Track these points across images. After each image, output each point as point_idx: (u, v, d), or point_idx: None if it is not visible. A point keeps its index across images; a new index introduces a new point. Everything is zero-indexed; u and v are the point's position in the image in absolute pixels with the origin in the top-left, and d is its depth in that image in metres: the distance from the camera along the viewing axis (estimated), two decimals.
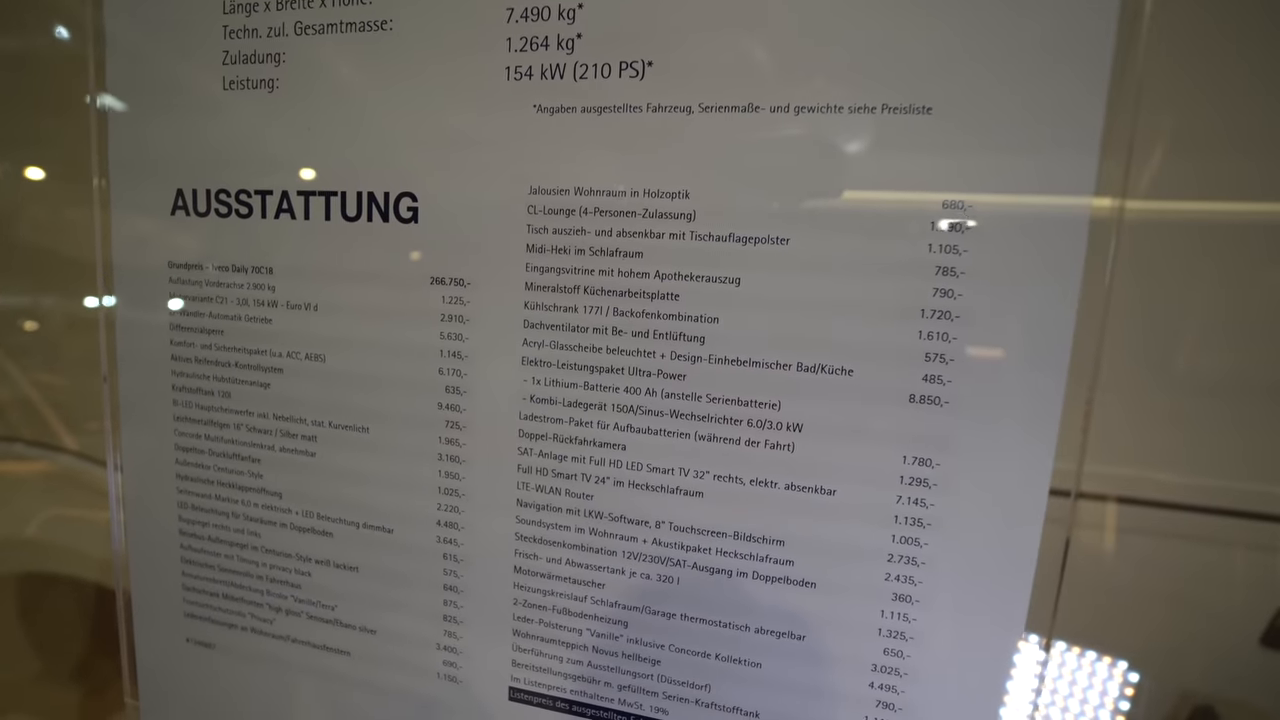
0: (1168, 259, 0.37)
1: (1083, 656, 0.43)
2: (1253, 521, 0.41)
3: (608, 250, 0.30)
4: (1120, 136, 0.25)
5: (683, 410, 0.30)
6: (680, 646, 0.32)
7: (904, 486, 0.28)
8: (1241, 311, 0.38)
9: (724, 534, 0.30)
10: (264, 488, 0.36)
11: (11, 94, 0.58)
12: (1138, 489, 0.42)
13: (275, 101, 0.33)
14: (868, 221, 0.27)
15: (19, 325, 0.63)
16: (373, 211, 0.33)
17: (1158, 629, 0.43)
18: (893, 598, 0.29)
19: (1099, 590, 0.42)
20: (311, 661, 0.37)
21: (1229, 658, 0.43)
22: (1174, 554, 0.42)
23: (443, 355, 0.33)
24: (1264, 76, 0.35)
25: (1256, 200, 0.36)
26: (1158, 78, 0.27)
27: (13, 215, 0.61)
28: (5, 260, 0.62)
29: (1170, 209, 0.37)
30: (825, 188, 0.28)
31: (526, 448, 0.32)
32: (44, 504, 0.65)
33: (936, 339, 0.27)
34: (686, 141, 0.29)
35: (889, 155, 0.27)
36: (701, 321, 0.29)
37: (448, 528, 0.34)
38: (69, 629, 0.65)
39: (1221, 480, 0.41)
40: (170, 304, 0.36)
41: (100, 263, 0.37)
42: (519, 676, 0.34)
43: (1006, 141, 0.25)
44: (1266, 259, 0.37)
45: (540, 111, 0.30)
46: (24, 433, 0.64)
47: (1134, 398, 0.39)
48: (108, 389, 0.38)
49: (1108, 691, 0.43)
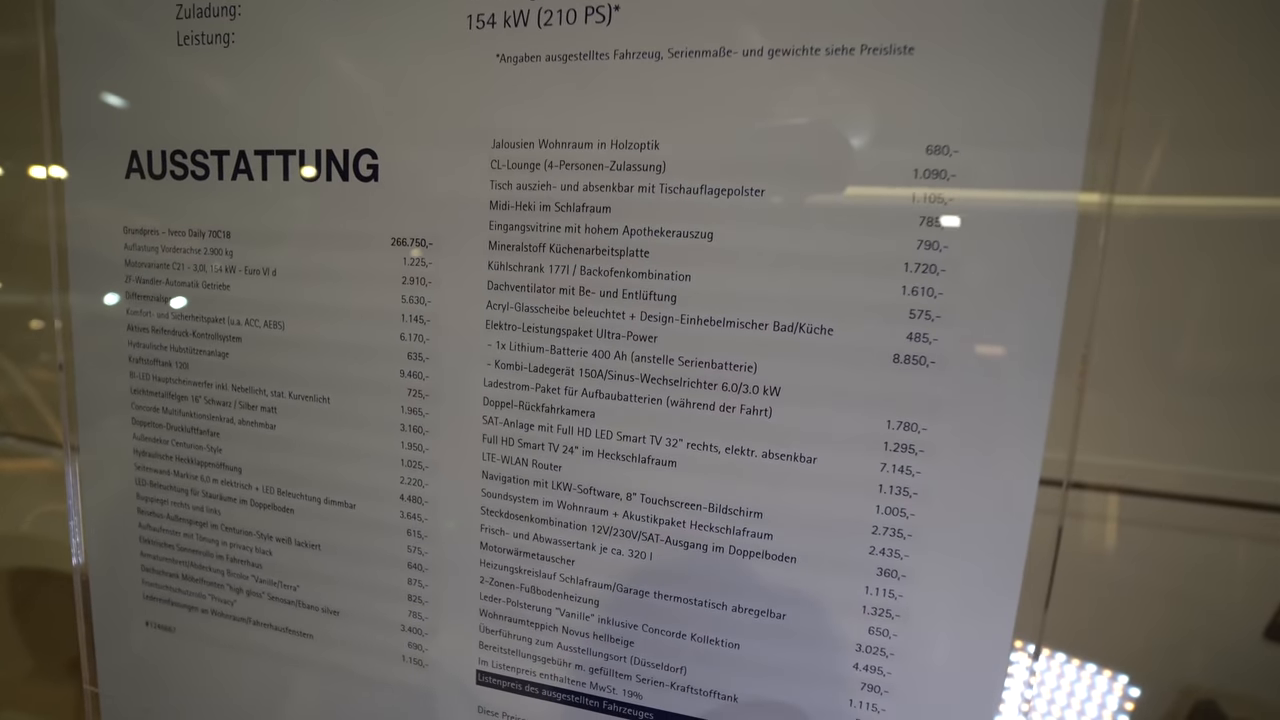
0: (1168, 253, 0.36)
1: (1079, 652, 0.42)
2: (1256, 512, 0.39)
3: (574, 205, 0.28)
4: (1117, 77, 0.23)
5: (654, 374, 0.28)
6: (654, 626, 0.30)
7: (889, 453, 0.26)
8: (1240, 305, 0.36)
9: (699, 506, 0.28)
10: (223, 462, 0.35)
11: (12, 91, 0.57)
12: (1136, 479, 0.40)
13: (231, 57, 0.32)
14: (847, 171, 0.26)
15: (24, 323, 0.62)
16: (332, 170, 0.31)
17: (1158, 623, 0.41)
18: (878, 572, 0.27)
19: (1097, 583, 0.41)
20: (273, 645, 0.36)
21: (1232, 652, 0.41)
22: (1175, 546, 0.41)
23: (404, 320, 0.31)
24: (1262, 71, 0.33)
25: (1254, 195, 0.35)
26: (1157, 72, 0.26)
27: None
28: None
29: (1170, 204, 0.35)
30: (801, 135, 0.26)
31: (491, 416, 0.30)
32: (39, 500, 0.64)
33: (922, 294, 0.25)
34: (655, 89, 0.27)
35: (870, 99, 0.25)
36: (673, 279, 0.28)
37: (411, 502, 0.32)
38: (62, 624, 0.64)
39: (1223, 470, 0.39)
40: (125, 271, 0.35)
41: (55, 257, 0.35)
42: (486, 659, 0.32)
43: (993, 80, 0.24)
44: (1264, 254, 0.35)
45: (504, 61, 0.29)
46: (18, 428, 0.63)
47: (1130, 388, 0.38)
48: (62, 361, 0.36)
49: (1110, 691, 0.41)
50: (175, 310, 0.34)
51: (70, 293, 0.36)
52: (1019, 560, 0.25)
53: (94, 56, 0.34)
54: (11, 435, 0.65)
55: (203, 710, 0.38)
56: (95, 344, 0.36)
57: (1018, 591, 0.26)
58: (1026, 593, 0.26)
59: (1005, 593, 0.26)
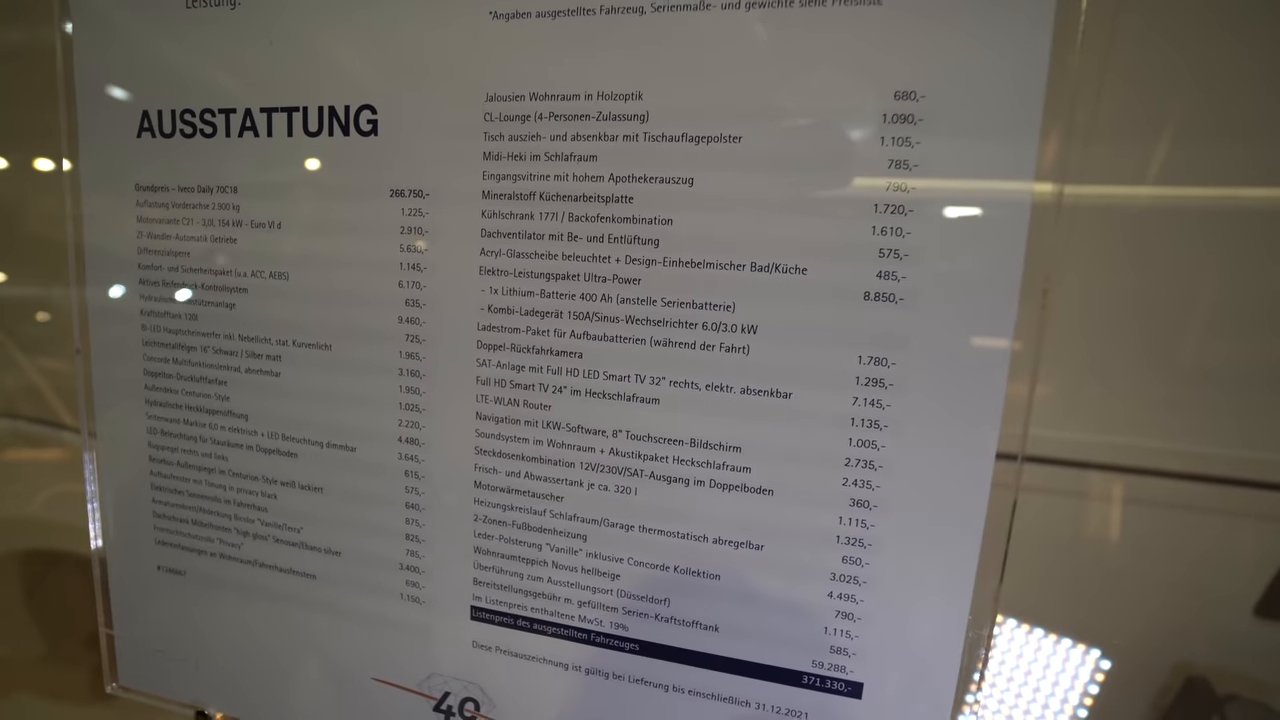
0: (1168, 245, 0.37)
1: (1067, 629, 0.42)
2: (1248, 490, 0.40)
3: (562, 155, 0.30)
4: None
5: (638, 315, 0.30)
6: (639, 560, 0.31)
7: (860, 388, 0.28)
8: (1241, 297, 0.37)
9: (681, 441, 0.30)
10: (231, 410, 0.36)
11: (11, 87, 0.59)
12: (1128, 457, 0.41)
13: (237, 19, 0.33)
14: (819, 116, 0.27)
15: (30, 316, 0.64)
16: (334, 126, 0.33)
17: (1149, 600, 0.42)
18: (850, 503, 0.29)
19: (1086, 563, 0.42)
20: (279, 585, 0.37)
21: (1223, 628, 0.42)
22: (1166, 523, 0.42)
23: (402, 268, 0.32)
24: (1259, 61, 0.34)
25: (1254, 186, 0.36)
26: (1162, 63, 0.26)
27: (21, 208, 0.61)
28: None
29: (1172, 194, 0.36)
30: (777, 84, 0.27)
31: (485, 359, 0.32)
32: (49, 482, 0.65)
33: (891, 234, 0.27)
34: (639, 42, 0.28)
35: (840, 49, 0.26)
36: (655, 224, 0.29)
37: (409, 444, 0.34)
38: (76, 606, 0.66)
39: (1215, 448, 0.40)
40: (137, 227, 0.36)
41: (70, 208, 0.37)
42: (480, 595, 0.34)
43: (959, 33, 0.25)
44: (1265, 246, 0.36)
45: (496, 18, 0.30)
46: (25, 411, 0.65)
47: (1124, 372, 0.39)
48: (76, 309, 0.38)
49: (1094, 669, 0.42)
50: (185, 264, 0.36)
51: (85, 244, 0.37)
52: (984, 482, 0.27)
53: (108, 20, 0.36)
54: (22, 418, 0.66)
55: (212, 649, 0.39)
56: (108, 298, 0.38)
57: (983, 519, 0.27)
58: (992, 528, 0.27)
59: (971, 520, 0.27)
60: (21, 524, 0.66)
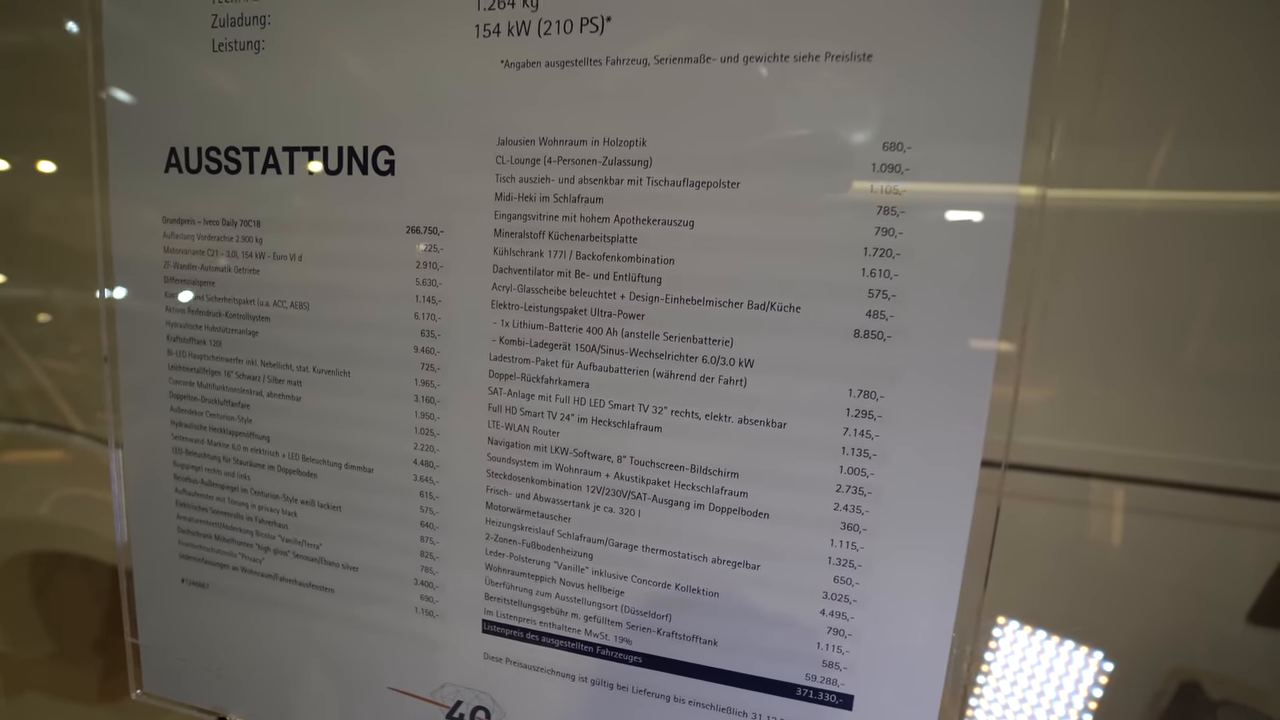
0: (1169, 250, 0.38)
1: (1067, 632, 0.44)
2: (1242, 499, 0.41)
3: (570, 197, 0.31)
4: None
5: (641, 349, 0.31)
6: (642, 577, 0.33)
7: (850, 419, 0.30)
8: (1242, 301, 0.38)
9: (682, 467, 0.32)
10: (253, 431, 0.38)
11: (19, 87, 0.60)
12: (1127, 467, 0.42)
13: (261, 62, 0.35)
14: (812, 163, 0.29)
15: (31, 316, 0.65)
16: (352, 165, 0.34)
17: (1143, 605, 0.43)
18: (841, 527, 0.30)
19: (1083, 569, 0.43)
20: (297, 599, 0.39)
21: (1216, 634, 0.43)
22: (1162, 531, 0.43)
23: (418, 300, 0.34)
24: (1260, 64, 0.35)
25: (1257, 190, 0.36)
26: (1162, 66, 0.27)
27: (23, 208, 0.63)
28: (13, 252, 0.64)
29: (1172, 199, 0.37)
30: (772, 133, 0.29)
31: (496, 387, 0.34)
32: (57, 484, 0.67)
33: (879, 275, 0.28)
34: (643, 92, 0.30)
35: (833, 101, 0.28)
36: (658, 263, 0.31)
37: (424, 466, 0.35)
38: (83, 607, 0.67)
39: (1213, 458, 0.41)
40: (164, 258, 0.38)
41: (101, 242, 0.38)
42: (491, 609, 0.36)
43: (941, 82, 0.27)
44: (1266, 250, 0.37)
45: (507, 67, 0.32)
46: (34, 415, 0.67)
47: (1127, 378, 0.40)
48: (107, 331, 0.40)
49: (1096, 672, 0.43)
50: (210, 294, 0.38)
51: (114, 278, 0.39)
52: (967, 509, 0.28)
53: (137, 62, 0.37)
54: (31, 422, 0.68)
55: (234, 658, 0.41)
56: (136, 325, 0.40)
57: (966, 541, 0.29)
58: (976, 545, 0.29)
59: (954, 542, 0.29)
60: (30, 526, 0.67)
